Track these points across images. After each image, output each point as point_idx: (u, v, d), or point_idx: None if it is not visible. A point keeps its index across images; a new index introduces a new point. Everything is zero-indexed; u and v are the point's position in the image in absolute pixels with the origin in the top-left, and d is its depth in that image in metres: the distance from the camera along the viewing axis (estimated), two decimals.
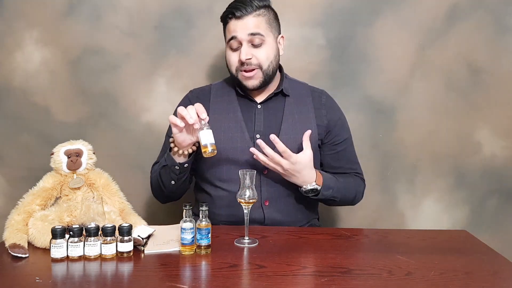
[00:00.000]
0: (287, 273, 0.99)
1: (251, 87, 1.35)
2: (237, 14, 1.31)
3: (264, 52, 1.33)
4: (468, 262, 1.07)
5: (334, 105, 1.47)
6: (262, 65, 1.33)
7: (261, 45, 1.32)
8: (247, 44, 1.32)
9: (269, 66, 1.34)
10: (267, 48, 1.33)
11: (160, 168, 1.34)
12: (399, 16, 1.72)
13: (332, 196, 1.34)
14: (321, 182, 1.31)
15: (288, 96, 1.41)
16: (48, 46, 1.75)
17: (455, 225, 1.84)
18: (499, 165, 1.81)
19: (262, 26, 1.32)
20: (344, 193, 1.39)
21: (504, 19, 1.73)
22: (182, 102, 1.45)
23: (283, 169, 1.26)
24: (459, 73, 1.76)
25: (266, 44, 1.33)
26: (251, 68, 1.33)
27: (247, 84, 1.35)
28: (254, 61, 1.32)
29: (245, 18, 1.31)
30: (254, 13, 1.31)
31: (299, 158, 1.25)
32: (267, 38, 1.33)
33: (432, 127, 1.79)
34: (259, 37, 1.31)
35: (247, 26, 1.31)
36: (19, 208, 1.18)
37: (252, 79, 1.34)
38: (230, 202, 1.31)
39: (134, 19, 1.73)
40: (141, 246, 1.11)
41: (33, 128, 1.78)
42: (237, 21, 1.31)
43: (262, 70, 1.34)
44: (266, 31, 1.33)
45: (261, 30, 1.31)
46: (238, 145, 1.34)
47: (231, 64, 1.36)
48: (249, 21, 1.31)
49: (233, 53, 1.35)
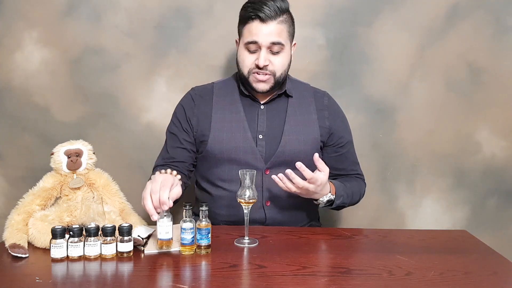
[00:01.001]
0: (287, 273, 0.99)
1: (261, 91, 1.35)
2: (261, 16, 1.28)
3: (281, 61, 1.33)
4: (468, 262, 1.07)
5: (336, 107, 1.47)
6: (276, 73, 1.33)
7: (279, 53, 1.32)
8: (266, 50, 1.31)
9: (282, 74, 1.35)
10: (284, 56, 1.33)
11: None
12: (399, 16, 1.72)
13: (343, 202, 1.35)
14: (334, 192, 1.32)
15: (291, 97, 1.42)
16: (48, 46, 1.75)
17: (455, 225, 1.84)
18: (499, 165, 1.81)
19: (284, 35, 1.31)
20: (352, 198, 1.40)
21: (504, 19, 1.73)
22: (185, 100, 1.45)
23: (307, 192, 1.25)
24: (459, 73, 1.76)
25: (284, 52, 1.33)
26: (265, 73, 1.32)
27: (257, 87, 1.35)
28: (270, 68, 1.32)
29: (269, 23, 1.29)
30: (278, 18, 1.29)
31: (322, 180, 1.23)
32: (286, 47, 1.33)
33: (432, 127, 1.79)
34: (279, 46, 1.31)
35: (270, 33, 1.29)
36: (19, 208, 1.18)
37: (264, 83, 1.34)
38: (231, 202, 1.31)
39: (134, 19, 1.73)
40: (141, 246, 1.11)
41: (33, 128, 1.78)
42: (261, 25, 1.29)
43: (275, 77, 1.34)
44: (286, 40, 1.33)
45: (282, 39, 1.31)
46: (240, 145, 1.34)
47: (245, 65, 1.35)
48: (272, 28, 1.29)
49: (250, 55, 1.33)
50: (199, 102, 1.41)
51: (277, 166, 1.34)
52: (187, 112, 1.40)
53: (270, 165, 1.34)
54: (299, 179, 1.21)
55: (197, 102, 1.41)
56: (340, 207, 1.38)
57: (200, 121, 1.38)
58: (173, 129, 1.42)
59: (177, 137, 1.40)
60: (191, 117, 1.39)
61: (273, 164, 1.34)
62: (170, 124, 1.44)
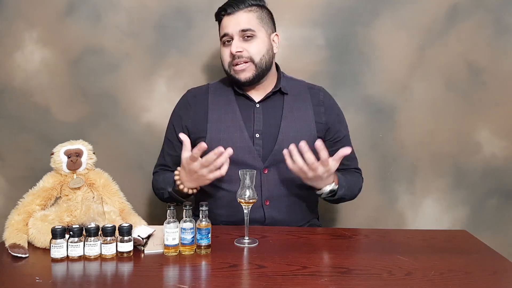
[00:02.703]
0: (287, 273, 0.99)
1: (244, 80, 1.35)
2: (228, 10, 1.34)
3: (255, 46, 1.34)
4: (468, 262, 1.07)
5: (332, 102, 1.47)
6: (254, 58, 1.34)
7: (251, 40, 1.34)
8: (238, 39, 1.34)
9: (262, 59, 1.35)
10: (258, 42, 1.35)
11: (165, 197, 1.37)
12: (399, 16, 1.72)
13: (344, 194, 1.34)
14: (337, 182, 1.31)
15: (287, 94, 1.42)
16: (48, 46, 1.75)
17: (455, 225, 1.84)
18: (499, 165, 1.81)
19: (253, 22, 1.34)
20: (353, 190, 1.40)
21: (504, 19, 1.73)
22: (180, 104, 1.46)
23: (315, 175, 1.23)
24: (459, 73, 1.76)
25: (257, 38, 1.35)
26: (243, 61, 1.34)
27: (239, 77, 1.35)
28: (245, 54, 1.34)
29: (236, 14, 1.34)
30: (245, 9, 1.34)
31: (332, 167, 1.22)
32: (258, 33, 1.35)
33: (432, 127, 1.79)
34: (249, 32, 1.33)
35: (238, 22, 1.33)
36: (19, 208, 1.18)
37: (245, 72, 1.35)
38: (230, 202, 1.31)
39: (134, 19, 1.73)
40: (141, 246, 1.11)
41: (33, 128, 1.78)
42: (229, 17, 1.34)
43: (255, 63, 1.35)
44: (257, 26, 1.35)
45: (251, 25, 1.34)
46: (237, 144, 1.34)
47: (224, 60, 1.38)
48: (240, 17, 1.33)
49: (226, 48, 1.37)
50: (195, 104, 1.42)
51: (275, 164, 1.34)
52: (182, 118, 1.42)
53: (268, 164, 1.34)
54: (311, 154, 1.20)
55: (192, 104, 1.42)
56: (341, 199, 1.37)
57: (196, 123, 1.39)
58: (169, 135, 1.46)
59: (172, 144, 1.43)
60: (187, 121, 1.41)
61: (271, 163, 1.34)
62: (167, 130, 1.48)
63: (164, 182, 1.37)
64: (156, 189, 1.43)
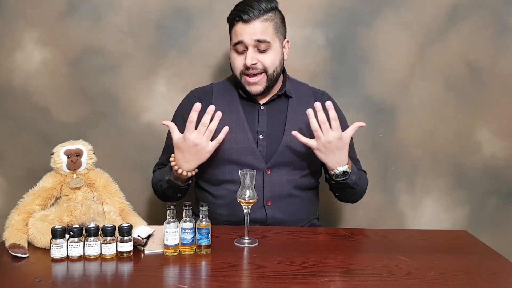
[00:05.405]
0: (287, 273, 0.99)
1: (254, 93, 1.36)
2: (244, 17, 1.30)
3: (270, 58, 1.33)
4: (468, 262, 1.07)
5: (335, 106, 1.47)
6: (268, 70, 1.33)
7: (266, 51, 1.32)
8: (252, 49, 1.31)
9: (274, 71, 1.35)
10: (273, 53, 1.33)
11: (164, 188, 1.36)
12: (399, 16, 1.72)
13: (355, 183, 1.33)
14: (350, 166, 1.31)
15: (291, 97, 1.42)
16: (48, 46, 1.75)
17: (455, 225, 1.84)
18: (499, 165, 1.81)
19: (269, 32, 1.31)
20: (362, 183, 1.40)
21: (504, 19, 1.73)
22: (183, 105, 1.45)
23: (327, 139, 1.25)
24: (459, 73, 1.76)
25: (272, 49, 1.33)
26: (256, 73, 1.33)
27: (250, 89, 1.35)
28: (259, 66, 1.32)
29: (252, 23, 1.30)
30: (261, 17, 1.30)
31: (344, 135, 1.26)
32: (273, 44, 1.33)
33: (432, 127, 1.79)
34: (265, 44, 1.31)
35: (254, 32, 1.30)
36: (19, 208, 1.18)
37: (256, 85, 1.34)
38: (231, 202, 1.31)
39: (134, 19, 1.73)
40: (141, 246, 1.11)
41: (33, 128, 1.78)
42: (244, 25, 1.30)
43: (267, 74, 1.34)
44: (272, 37, 1.32)
45: (267, 36, 1.31)
46: (240, 145, 1.34)
47: (236, 68, 1.36)
48: (256, 26, 1.30)
49: (238, 56, 1.34)
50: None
51: (278, 166, 1.34)
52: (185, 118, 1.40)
53: (271, 165, 1.34)
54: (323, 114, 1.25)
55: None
56: (351, 189, 1.36)
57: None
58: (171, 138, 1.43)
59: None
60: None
61: (274, 164, 1.34)
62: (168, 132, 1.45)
63: (162, 174, 1.37)
64: (154, 184, 1.42)
